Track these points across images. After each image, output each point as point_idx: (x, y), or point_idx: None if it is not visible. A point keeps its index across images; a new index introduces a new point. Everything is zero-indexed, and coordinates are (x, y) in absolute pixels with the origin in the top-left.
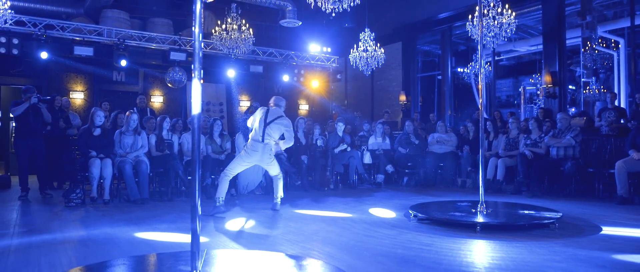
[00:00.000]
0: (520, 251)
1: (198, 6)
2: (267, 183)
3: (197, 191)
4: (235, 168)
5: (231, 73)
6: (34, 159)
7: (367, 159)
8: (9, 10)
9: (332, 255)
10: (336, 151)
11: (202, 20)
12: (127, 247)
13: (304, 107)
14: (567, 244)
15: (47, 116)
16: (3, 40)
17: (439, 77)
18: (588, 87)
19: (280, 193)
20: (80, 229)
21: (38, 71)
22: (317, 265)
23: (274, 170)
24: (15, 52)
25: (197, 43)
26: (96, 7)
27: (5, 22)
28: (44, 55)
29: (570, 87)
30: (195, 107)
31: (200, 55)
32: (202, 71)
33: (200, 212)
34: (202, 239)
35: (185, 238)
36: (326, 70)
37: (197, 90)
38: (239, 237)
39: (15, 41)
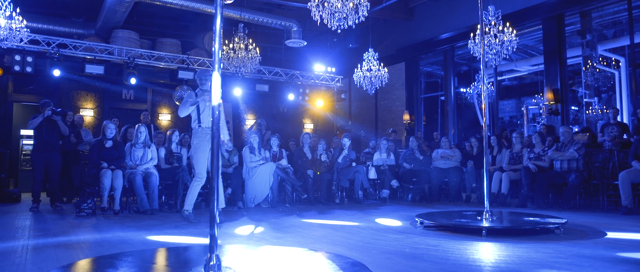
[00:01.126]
0: (526, 250)
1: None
2: (274, 197)
3: (216, 191)
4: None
5: (238, 91)
6: (48, 171)
7: (372, 174)
8: (25, 29)
9: (341, 254)
10: (339, 159)
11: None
12: (141, 247)
13: (308, 126)
14: (572, 245)
15: (64, 129)
16: (18, 58)
17: (442, 97)
18: (591, 107)
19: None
20: (94, 233)
21: (50, 89)
22: (330, 257)
23: None
24: (28, 69)
25: (217, 38)
26: (107, 27)
27: (21, 40)
28: (56, 73)
29: (572, 107)
30: (216, 97)
31: (220, 50)
32: (220, 66)
33: (218, 221)
34: None
35: (197, 240)
36: (331, 89)
37: (217, 82)
38: (250, 239)
39: (29, 59)
